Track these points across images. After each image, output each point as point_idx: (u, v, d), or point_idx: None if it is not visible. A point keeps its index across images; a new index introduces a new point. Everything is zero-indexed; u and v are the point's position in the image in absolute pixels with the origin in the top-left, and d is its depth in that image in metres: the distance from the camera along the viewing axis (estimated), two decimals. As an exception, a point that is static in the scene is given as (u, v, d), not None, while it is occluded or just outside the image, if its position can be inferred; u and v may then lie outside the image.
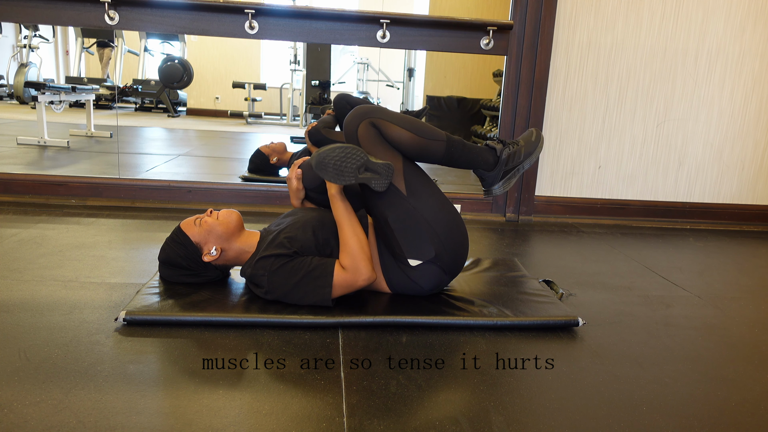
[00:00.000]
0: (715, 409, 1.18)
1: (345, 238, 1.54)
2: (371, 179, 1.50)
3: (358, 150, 1.48)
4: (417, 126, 1.59)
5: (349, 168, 1.48)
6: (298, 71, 5.64)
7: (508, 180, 1.70)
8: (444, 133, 1.62)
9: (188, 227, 1.60)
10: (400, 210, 1.54)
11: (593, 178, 3.04)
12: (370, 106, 1.59)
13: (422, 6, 5.34)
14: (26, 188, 2.76)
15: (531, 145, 1.71)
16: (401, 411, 1.10)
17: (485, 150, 1.67)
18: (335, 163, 1.48)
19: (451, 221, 1.59)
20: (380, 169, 1.50)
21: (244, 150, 4.79)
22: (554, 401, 1.17)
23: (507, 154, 1.67)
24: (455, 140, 1.62)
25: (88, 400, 1.07)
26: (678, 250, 2.54)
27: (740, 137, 3.06)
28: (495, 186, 1.70)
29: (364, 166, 1.49)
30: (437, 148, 1.60)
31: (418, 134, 1.58)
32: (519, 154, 1.69)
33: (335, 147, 1.47)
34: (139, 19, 2.62)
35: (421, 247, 1.55)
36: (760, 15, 2.92)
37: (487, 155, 1.67)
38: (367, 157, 1.49)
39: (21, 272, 1.75)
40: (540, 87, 2.84)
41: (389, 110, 1.60)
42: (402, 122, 1.58)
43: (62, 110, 5.13)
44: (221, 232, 1.59)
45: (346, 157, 1.48)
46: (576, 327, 1.55)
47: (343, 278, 1.50)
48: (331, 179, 1.50)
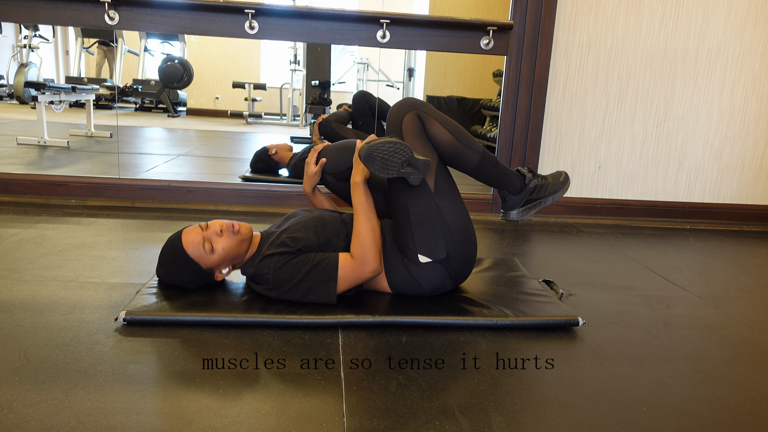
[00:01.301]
0: (715, 409, 1.18)
1: (360, 228, 1.55)
2: (410, 174, 1.51)
3: (405, 146, 1.49)
4: (458, 130, 1.62)
5: (394, 162, 1.49)
6: (298, 71, 5.64)
7: (528, 209, 1.74)
8: (481, 146, 1.65)
9: (200, 257, 1.52)
10: (424, 204, 1.56)
11: (593, 178, 3.04)
12: (418, 100, 1.63)
13: (422, 6, 5.34)
14: (26, 188, 2.76)
15: (558, 184, 1.75)
16: (401, 411, 1.10)
17: (515, 174, 1.72)
18: (383, 156, 1.48)
19: (467, 230, 1.61)
20: (420, 165, 1.51)
21: (244, 150, 4.79)
22: (554, 401, 1.17)
23: (534, 184, 1.72)
24: (490, 156, 1.66)
25: (88, 400, 1.07)
26: (678, 250, 2.54)
27: (740, 137, 3.06)
28: (514, 211, 1.75)
29: (407, 162, 1.50)
30: (472, 158, 1.63)
31: (458, 138, 1.61)
32: (545, 189, 1.73)
33: (385, 141, 1.49)
34: (139, 19, 2.62)
35: (435, 245, 1.56)
36: (760, 15, 2.92)
37: (515, 179, 1.72)
38: (413, 153, 1.50)
39: (21, 272, 1.75)
40: (540, 87, 2.84)
41: (435, 109, 1.64)
42: (445, 123, 1.62)
43: (62, 110, 5.13)
44: (237, 253, 1.56)
45: (394, 151, 1.49)
46: (576, 327, 1.55)
47: (350, 268, 1.51)
48: (376, 171, 1.50)
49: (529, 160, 2.91)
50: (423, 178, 1.56)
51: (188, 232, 1.54)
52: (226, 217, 2.63)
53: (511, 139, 2.92)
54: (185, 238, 1.52)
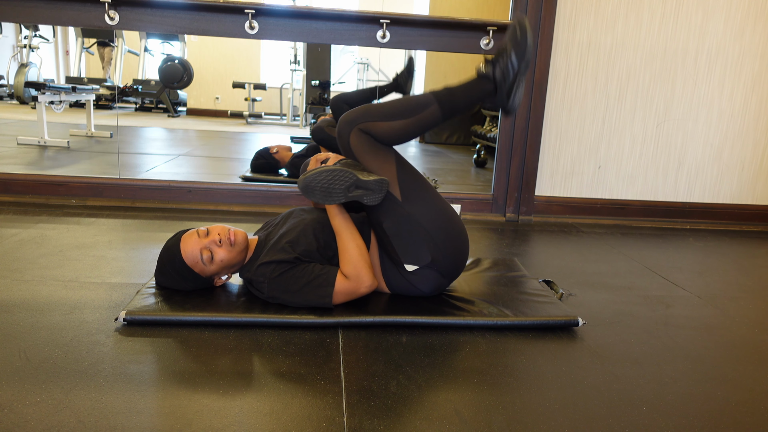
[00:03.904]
0: (715, 409, 1.18)
1: (344, 247, 1.52)
2: (363, 196, 1.47)
3: (345, 172, 1.45)
4: (405, 108, 1.55)
5: (337, 189, 1.45)
6: (298, 71, 5.64)
7: (516, 90, 1.60)
8: (430, 95, 1.57)
9: (198, 266, 1.51)
10: (395, 216, 1.52)
11: (593, 178, 3.04)
12: (356, 111, 1.56)
13: (422, 6, 5.34)
14: (26, 188, 2.76)
15: (518, 44, 1.56)
16: (401, 411, 1.10)
17: (478, 81, 1.60)
18: (322, 186, 1.45)
19: (449, 226, 1.57)
20: (372, 185, 1.47)
21: (244, 150, 4.79)
22: (554, 401, 1.17)
23: (499, 72, 1.58)
24: (443, 94, 1.58)
25: (88, 400, 1.07)
26: (678, 250, 2.54)
27: (740, 137, 3.06)
28: (509, 104, 1.62)
29: (354, 185, 1.46)
30: (433, 115, 1.56)
31: (409, 115, 1.54)
32: (513, 63, 1.57)
33: (322, 171, 1.45)
34: (139, 19, 2.62)
35: (417, 252, 1.54)
36: (760, 15, 2.92)
37: (482, 85, 1.60)
38: (356, 176, 1.46)
39: (21, 272, 1.75)
40: (540, 87, 2.84)
41: (375, 106, 1.57)
42: (390, 113, 1.55)
43: (62, 110, 5.13)
44: (236, 261, 1.56)
45: (333, 180, 1.45)
46: (576, 327, 1.55)
47: (346, 287, 1.49)
48: (320, 201, 1.48)
49: (529, 160, 2.91)
50: (382, 197, 1.50)
51: (186, 239, 1.52)
52: (227, 218, 2.63)
53: (511, 139, 2.92)
54: (183, 247, 1.51)
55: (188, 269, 1.52)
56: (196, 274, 1.53)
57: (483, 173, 4.33)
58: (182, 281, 1.54)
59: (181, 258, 1.51)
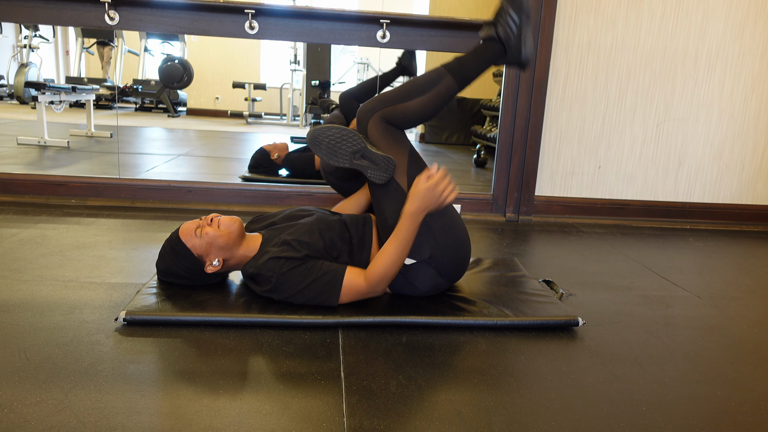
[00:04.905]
0: (715, 409, 1.18)
1: (388, 254, 1.49)
2: (367, 168, 1.48)
3: (356, 135, 1.45)
4: (419, 86, 1.58)
5: (343, 150, 1.45)
6: (298, 71, 5.64)
7: (524, 41, 1.62)
8: (441, 68, 1.59)
9: (189, 238, 1.55)
10: (398, 206, 1.54)
11: (593, 178, 3.04)
12: (374, 100, 1.60)
13: (422, 6, 5.34)
14: (26, 188, 2.76)
15: None
16: (401, 411, 1.10)
17: (485, 45, 1.63)
18: (329, 142, 1.45)
19: (451, 225, 1.58)
20: (379, 160, 1.47)
21: (244, 150, 4.79)
22: (554, 401, 1.17)
23: (502, 29, 1.61)
24: (453, 65, 1.60)
25: (88, 400, 1.07)
26: (678, 250, 2.54)
27: (740, 137, 3.06)
28: (522, 56, 1.64)
29: (360, 153, 1.46)
30: (449, 86, 1.58)
31: (426, 91, 1.56)
32: (512, 17, 1.60)
33: (333, 126, 1.46)
34: (139, 19, 2.62)
35: (416, 245, 1.54)
36: (760, 15, 2.92)
37: (490, 47, 1.62)
38: (366, 144, 1.46)
39: (21, 272, 1.75)
40: (540, 87, 2.84)
41: (390, 91, 1.59)
42: (407, 94, 1.57)
43: (62, 110, 5.13)
44: (223, 243, 1.55)
45: (342, 138, 1.45)
46: (576, 327, 1.55)
47: (359, 288, 1.50)
48: (323, 157, 1.47)
49: (528, 160, 2.91)
50: (389, 178, 1.51)
51: (187, 222, 1.61)
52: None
53: (511, 139, 2.92)
54: (182, 227, 1.59)
55: (182, 245, 1.55)
56: (188, 252, 1.55)
57: (483, 173, 4.33)
58: (177, 259, 1.56)
59: (178, 234, 1.57)
